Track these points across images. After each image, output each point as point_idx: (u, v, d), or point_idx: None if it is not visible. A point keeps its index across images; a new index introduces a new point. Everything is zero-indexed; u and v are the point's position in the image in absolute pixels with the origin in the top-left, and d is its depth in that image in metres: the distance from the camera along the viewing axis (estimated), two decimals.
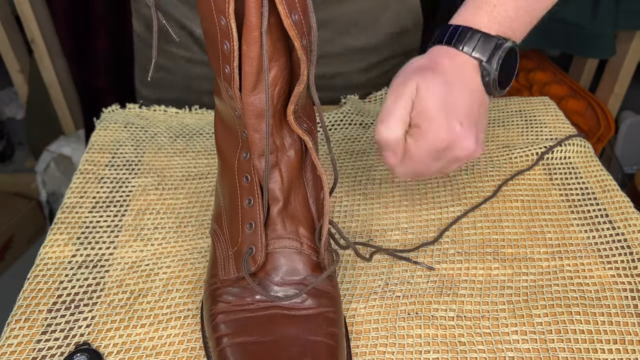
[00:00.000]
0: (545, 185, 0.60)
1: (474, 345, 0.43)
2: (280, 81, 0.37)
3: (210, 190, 0.61)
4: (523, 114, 0.73)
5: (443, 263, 0.51)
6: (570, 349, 0.42)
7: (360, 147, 0.67)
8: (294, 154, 0.41)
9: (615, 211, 0.56)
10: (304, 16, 0.34)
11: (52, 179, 1.51)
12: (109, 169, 0.63)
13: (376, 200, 0.59)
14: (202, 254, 0.52)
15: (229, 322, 0.39)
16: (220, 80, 0.38)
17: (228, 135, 0.43)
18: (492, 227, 0.55)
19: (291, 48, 0.37)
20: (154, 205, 0.58)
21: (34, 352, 0.43)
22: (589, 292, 0.47)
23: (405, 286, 0.48)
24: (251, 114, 0.37)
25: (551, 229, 0.54)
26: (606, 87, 1.33)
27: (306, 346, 0.38)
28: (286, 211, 0.41)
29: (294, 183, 0.42)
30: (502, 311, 0.46)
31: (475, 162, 0.64)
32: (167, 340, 0.44)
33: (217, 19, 0.34)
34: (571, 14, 1.13)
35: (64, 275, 0.49)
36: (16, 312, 0.46)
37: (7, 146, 1.79)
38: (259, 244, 0.40)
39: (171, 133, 0.70)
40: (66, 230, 0.54)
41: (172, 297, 0.48)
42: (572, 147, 0.65)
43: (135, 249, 0.53)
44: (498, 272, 0.49)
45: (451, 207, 0.57)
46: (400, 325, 0.44)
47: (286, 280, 0.41)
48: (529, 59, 1.53)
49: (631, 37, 1.22)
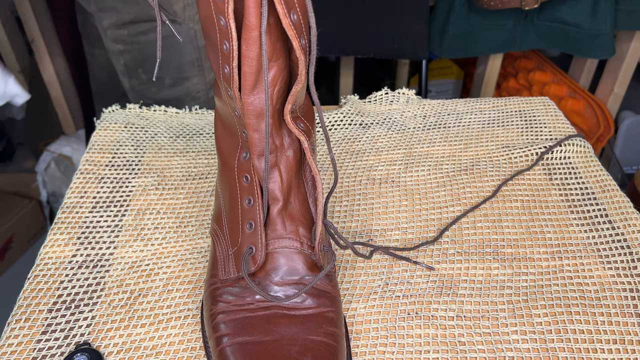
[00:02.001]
0: (545, 185, 0.60)
1: (474, 345, 0.43)
2: (280, 81, 0.37)
3: (210, 190, 0.61)
4: (523, 114, 0.73)
5: (443, 263, 0.51)
6: (570, 348, 0.42)
7: (360, 147, 0.68)
8: (293, 154, 0.41)
9: (615, 211, 0.56)
10: (303, 16, 0.34)
11: (52, 179, 1.51)
12: (109, 169, 0.63)
13: (376, 200, 0.59)
14: (202, 254, 0.52)
15: (229, 321, 0.40)
16: (220, 80, 0.38)
17: (228, 136, 0.43)
18: (491, 227, 0.55)
19: (290, 48, 0.37)
20: (154, 205, 0.58)
21: (34, 352, 0.43)
22: (588, 292, 0.47)
23: (405, 286, 0.48)
24: (251, 114, 0.37)
25: (551, 229, 0.54)
26: (606, 87, 1.33)
27: (306, 346, 0.38)
28: (286, 211, 0.41)
29: (294, 183, 0.42)
30: (502, 311, 0.46)
31: (475, 162, 0.64)
32: (167, 340, 0.44)
33: (216, 19, 0.34)
34: (571, 14, 1.13)
35: (64, 275, 0.50)
36: (16, 312, 0.46)
37: (7, 146, 1.79)
38: (258, 243, 0.40)
39: (171, 133, 0.70)
40: (66, 230, 0.55)
41: (172, 297, 0.48)
42: (571, 147, 0.65)
43: (135, 249, 0.53)
44: (498, 272, 0.50)
45: (451, 207, 0.57)
46: (400, 325, 0.45)
47: (286, 280, 0.41)
48: (529, 59, 1.53)
49: (631, 37, 1.22)
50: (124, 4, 0.76)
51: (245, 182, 0.41)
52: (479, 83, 1.40)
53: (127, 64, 0.82)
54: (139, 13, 0.77)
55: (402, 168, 0.64)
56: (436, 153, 0.66)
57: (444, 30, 1.20)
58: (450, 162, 0.64)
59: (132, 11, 0.77)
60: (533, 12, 1.15)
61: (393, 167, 0.64)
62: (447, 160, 0.65)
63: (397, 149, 0.67)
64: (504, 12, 1.16)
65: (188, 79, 0.82)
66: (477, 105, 0.76)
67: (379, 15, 1.16)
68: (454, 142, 0.68)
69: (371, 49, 1.20)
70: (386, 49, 1.19)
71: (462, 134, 0.70)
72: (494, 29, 1.18)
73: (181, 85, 0.82)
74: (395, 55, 1.20)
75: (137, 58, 0.81)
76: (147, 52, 0.80)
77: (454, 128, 0.71)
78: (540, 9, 1.15)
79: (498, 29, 1.18)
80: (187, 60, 0.80)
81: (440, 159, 0.65)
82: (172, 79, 0.81)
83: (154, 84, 0.82)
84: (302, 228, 0.42)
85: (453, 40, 1.21)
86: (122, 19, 0.77)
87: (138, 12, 0.77)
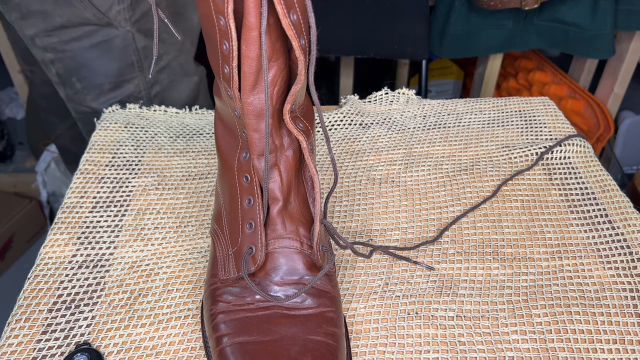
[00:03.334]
0: (544, 185, 0.60)
1: (474, 345, 0.43)
2: (279, 81, 0.37)
3: (210, 190, 0.61)
4: (523, 114, 0.73)
5: (443, 263, 0.51)
6: (570, 348, 0.42)
7: (360, 147, 0.68)
8: (293, 154, 0.41)
9: (615, 211, 0.56)
10: (303, 16, 0.34)
11: (52, 179, 1.51)
12: (110, 169, 0.63)
13: (376, 200, 0.59)
14: (202, 254, 0.52)
15: (229, 321, 0.40)
16: (220, 80, 0.38)
17: (228, 135, 0.43)
18: (491, 227, 0.55)
19: (290, 48, 0.37)
20: (154, 205, 0.58)
21: (34, 351, 0.43)
22: (588, 292, 0.47)
23: (405, 286, 0.48)
24: (250, 114, 0.37)
25: (551, 229, 0.54)
26: (606, 87, 1.33)
27: (306, 346, 0.38)
28: (286, 211, 0.41)
29: (294, 183, 0.42)
30: (502, 311, 0.46)
31: (475, 162, 0.64)
32: (167, 340, 0.44)
33: (216, 19, 0.34)
34: (571, 14, 1.13)
35: (64, 275, 0.50)
36: (16, 311, 0.46)
37: (7, 146, 1.79)
38: (258, 243, 0.40)
39: (171, 133, 0.70)
40: (66, 230, 0.55)
41: (172, 297, 0.48)
42: (571, 147, 0.65)
43: (135, 249, 0.53)
44: (498, 272, 0.50)
45: (451, 207, 0.57)
46: (400, 325, 0.45)
47: (286, 280, 0.41)
48: (529, 59, 1.53)
49: (631, 37, 1.22)
50: (55, 6, 0.71)
51: (245, 182, 0.41)
52: (479, 83, 1.40)
53: (59, 73, 0.78)
54: (72, 16, 0.72)
55: (402, 168, 0.64)
56: (436, 153, 0.66)
57: (444, 30, 1.20)
58: (450, 162, 0.64)
59: (64, 14, 0.72)
60: (533, 12, 1.15)
61: (393, 167, 0.64)
62: (447, 160, 0.65)
63: (397, 149, 0.67)
64: (503, 12, 1.16)
65: (128, 81, 0.79)
66: (477, 105, 0.76)
67: (379, 15, 1.16)
68: (454, 142, 0.68)
69: (371, 49, 1.20)
70: (386, 49, 1.19)
71: (462, 134, 0.70)
72: (493, 29, 1.18)
73: (121, 88, 0.79)
74: (395, 55, 1.20)
75: (71, 65, 0.77)
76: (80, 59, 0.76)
77: (454, 128, 0.71)
78: (540, 9, 1.15)
79: (498, 29, 1.18)
80: (126, 63, 0.77)
81: (440, 159, 0.65)
82: (111, 83, 0.79)
83: (90, 91, 0.79)
84: (302, 228, 0.42)
85: (453, 40, 1.21)
86: (52, 24, 0.73)
87: (71, 15, 0.72)
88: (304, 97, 0.42)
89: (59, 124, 1.03)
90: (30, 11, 0.73)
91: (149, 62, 0.79)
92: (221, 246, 0.43)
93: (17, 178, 1.64)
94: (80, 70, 0.77)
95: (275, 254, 0.41)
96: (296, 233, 0.41)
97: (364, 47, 1.20)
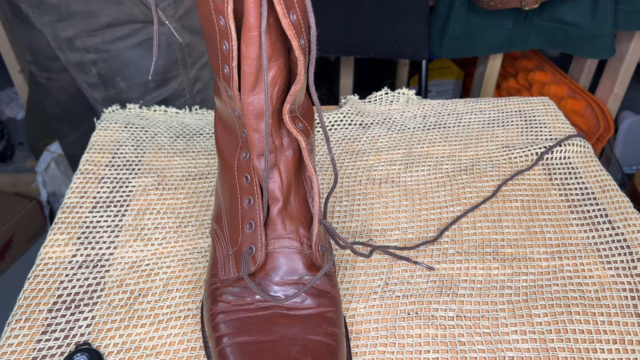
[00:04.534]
0: (544, 185, 0.60)
1: (474, 345, 0.43)
2: (279, 81, 0.37)
3: (210, 190, 0.61)
4: (523, 114, 0.73)
5: (443, 263, 0.51)
6: (570, 348, 0.42)
7: (360, 147, 0.68)
8: (293, 154, 0.41)
9: (615, 211, 0.56)
10: (303, 16, 0.34)
11: (52, 179, 1.51)
12: (109, 169, 0.63)
13: (376, 201, 0.59)
14: (202, 254, 0.52)
15: (229, 321, 0.40)
16: (220, 80, 0.38)
17: (228, 135, 0.43)
18: (491, 227, 0.55)
19: (290, 48, 0.37)
20: (154, 205, 0.58)
21: (34, 352, 0.43)
22: (588, 292, 0.47)
23: (405, 286, 0.48)
24: (250, 114, 0.37)
25: (551, 229, 0.54)
26: (606, 87, 1.33)
27: (306, 346, 0.38)
28: (286, 211, 0.41)
29: (294, 183, 0.42)
30: (502, 311, 0.46)
31: (475, 162, 0.64)
32: (167, 340, 0.44)
33: (216, 19, 0.34)
34: (571, 14, 1.13)
35: (64, 275, 0.50)
36: (16, 312, 0.46)
37: (7, 146, 1.79)
38: (258, 243, 0.40)
39: (171, 133, 0.70)
40: (66, 230, 0.55)
41: (172, 297, 0.48)
42: (571, 147, 0.65)
43: (135, 249, 0.53)
44: (498, 272, 0.50)
45: (451, 207, 0.57)
46: (400, 325, 0.45)
47: (286, 280, 0.41)
48: (529, 59, 1.53)
49: (631, 37, 1.22)
50: (102, 5, 0.71)
51: (245, 182, 0.41)
52: (479, 83, 1.40)
53: (101, 73, 0.77)
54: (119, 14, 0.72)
55: (402, 168, 0.64)
56: (436, 153, 0.66)
57: (444, 30, 1.21)
58: (450, 162, 0.64)
59: (111, 12, 0.71)
60: (533, 12, 1.15)
61: (393, 167, 0.64)
62: (447, 160, 0.65)
63: (397, 149, 0.67)
64: (503, 12, 1.16)
65: (172, 78, 0.79)
66: (477, 105, 0.76)
67: (379, 15, 1.16)
68: (454, 142, 0.68)
69: (371, 49, 1.20)
70: (386, 49, 1.19)
71: (462, 134, 0.70)
72: (493, 29, 1.19)
73: (166, 86, 0.79)
74: (396, 55, 1.20)
75: (114, 65, 0.76)
76: (125, 58, 0.75)
77: (454, 128, 0.71)
78: (540, 9, 1.15)
79: (498, 29, 1.18)
80: (171, 61, 0.77)
81: (440, 159, 0.65)
82: (156, 81, 0.78)
83: (135, 90, 0.78)
84: (302, 228, 0.42)
85: (453, 40, 1.21)
86: (97, 23, 0.72)
87: (118, 13, 0.71)
88: (304, 97, 0.42)
89: (72, 132, 1.01)
90: (72, 12, 0.72)
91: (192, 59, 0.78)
92: (221, 246, 0.43)
93: (17, 178, 1.64)
94: (125, 70, 0.76)
95: (275, 254, 0.41)
96: (296, 233, 0.41)
97: (364, 47, 1.20)
